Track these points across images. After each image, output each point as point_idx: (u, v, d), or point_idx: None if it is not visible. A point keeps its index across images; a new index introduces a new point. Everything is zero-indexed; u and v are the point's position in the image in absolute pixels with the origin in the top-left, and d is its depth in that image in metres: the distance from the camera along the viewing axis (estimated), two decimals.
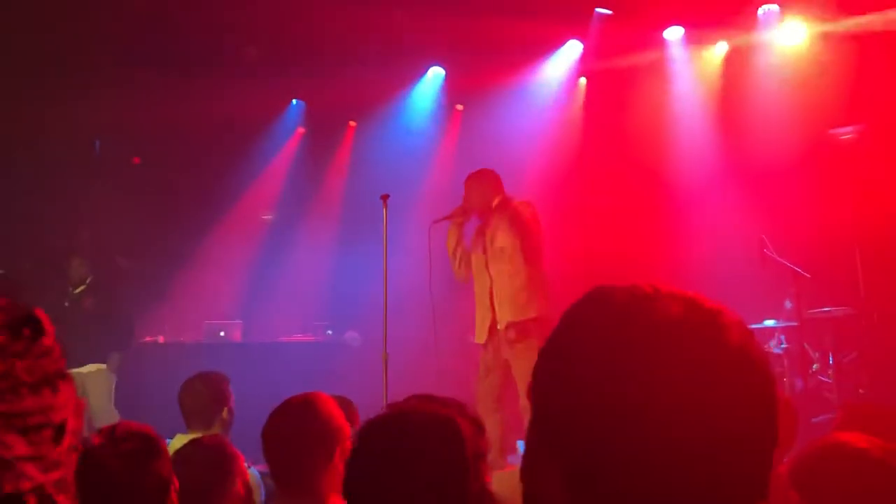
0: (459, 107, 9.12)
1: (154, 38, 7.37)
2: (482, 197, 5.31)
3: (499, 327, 5.18)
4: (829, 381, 6.69)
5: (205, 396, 3.64)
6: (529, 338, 5.04)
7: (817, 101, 7.43)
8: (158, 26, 7.28)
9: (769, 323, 6.93)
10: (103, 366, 6.78)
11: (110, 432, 1.89)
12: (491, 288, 5.24)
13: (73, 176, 8.25)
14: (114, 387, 6.81)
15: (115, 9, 6.91)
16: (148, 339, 8.12)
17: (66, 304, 6.86)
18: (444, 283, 5.53)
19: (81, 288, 6.95)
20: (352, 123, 9.39)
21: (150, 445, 1.90)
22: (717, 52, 8.16)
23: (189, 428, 3.59)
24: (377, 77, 8.46)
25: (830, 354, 6.77)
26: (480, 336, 5.30)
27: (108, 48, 7.30)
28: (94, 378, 6.71)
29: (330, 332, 8.35)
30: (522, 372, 5.01)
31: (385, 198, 5.26)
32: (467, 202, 5.37)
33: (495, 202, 5.30)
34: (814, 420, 6.25)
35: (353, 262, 8.03)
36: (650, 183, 8.19)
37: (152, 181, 8.78)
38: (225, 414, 3.67)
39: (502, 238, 5.19)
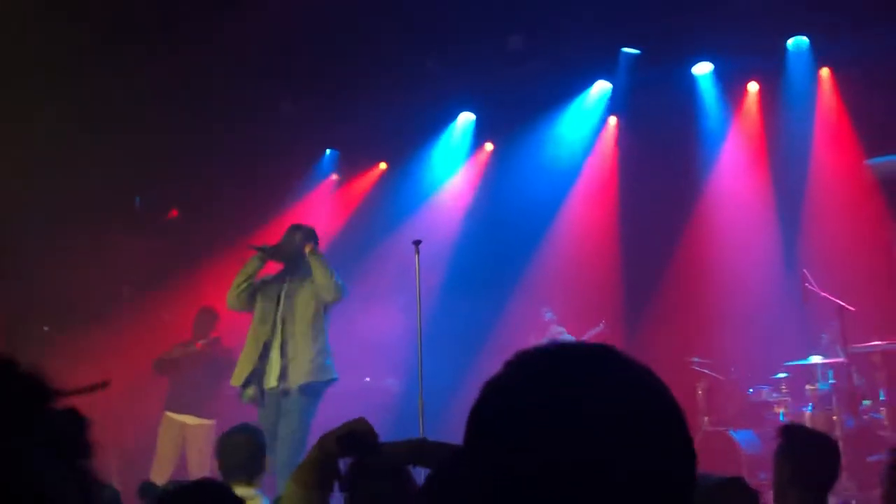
0: (489, 146, 9.18)
1: (191, 91, 7.56)
2: (297, 250, 5.42)
3: (279, 384, 5.25)
4: (882, 417, 6.46)
5: (245, 450, 3.62)
6: (314, 398, 5.25)
7: (853, 132, 7.34)
8: (196, 80, 7.47)
9: (815, 359, 6.74)
10: (207, 422, 6.89)
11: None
12: (278, 341, 5.35)
13: (115, 230, 8.43)
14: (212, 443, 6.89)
15: (154, 64, 7.12)
16: None
17: (187, 352, 7.03)
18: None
19: (203, 342, 7.09)
20: (381, 166, 9.48)
21: None
22: (748, 85, 8.12)
23: (229, 479, 3.59)
24: (409, 123, 8.58)
25: (881, 390, 6.55)
26: (239, 379, 5.40)
27: (147, 102, 7.51)
28: (200, 432, 6.84)
29: (368, 378, 8.34)
30: (293, 428, 5.13)
31: (417, 243, 5.29)
32: (282, 246, 5.49)
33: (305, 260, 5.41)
34: (869, 459, 6.03)
35: (390, 308, 8.06)
36: (685, 220, 8.12)
37: (189, 233, 8.94)
38: (266, 464, 3.68)
39: (304, 299, 5.32)
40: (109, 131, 7.64)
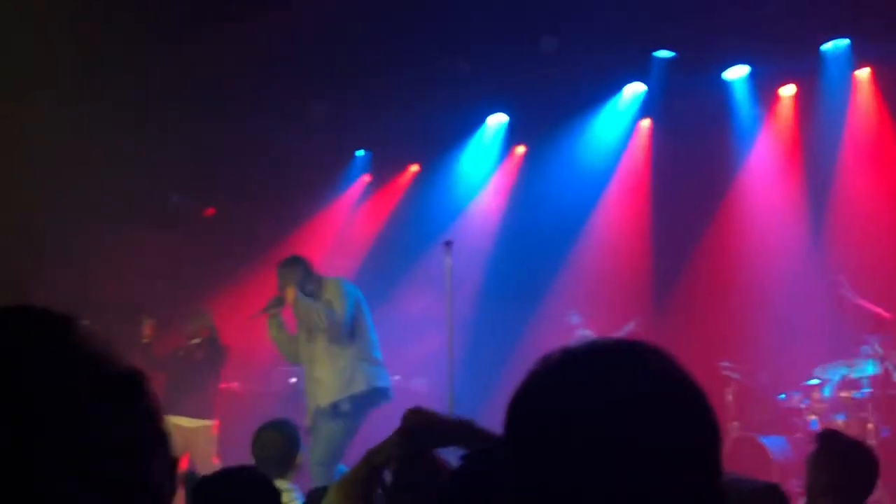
0: (521, 148, 9.16)
1: (224, 91, 7.64)
2: (294, 283, 5.33)
3: (322, 404, 5.17)
4: None
5: (279, 445, 3.65)
6: (347, 417, 5.12)
7: (894, 135, 7.22)
8: (230, 80, 7.55)
9: (850, 366, 6.63)
10: (209, 422, 6.79)
11: None
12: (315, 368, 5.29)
13: (150, 228, 8.53)
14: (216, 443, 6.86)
15: (183, 65, 7.20)
16: (221, 385, 8.24)
17: (181, 353, 6.89)
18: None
19: (197, 340, 6.94)
20: (413, 168, 9.50)
21: None
22: (783, 88, 8.01)
23: None
24: (441, 125, 8.59)
25: None
26: (309, 419, 5.29)
27: (180, 101, 7.59)
28: (199, 434, 6.70)
29: (398, 377, 8.36)
30: (319, 448, 5.09)
31: (448, 244, 5.30)
32: (281, 290, 5.41)
33: (309, 286, 5.33)
34: None
35: (419, 308, 8.08)
36: (717, 223, 8.04)
37: (224, 232, 9.03)
38: (299, 460, 3.72)
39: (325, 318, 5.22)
40: (144, 130, 7.74)
